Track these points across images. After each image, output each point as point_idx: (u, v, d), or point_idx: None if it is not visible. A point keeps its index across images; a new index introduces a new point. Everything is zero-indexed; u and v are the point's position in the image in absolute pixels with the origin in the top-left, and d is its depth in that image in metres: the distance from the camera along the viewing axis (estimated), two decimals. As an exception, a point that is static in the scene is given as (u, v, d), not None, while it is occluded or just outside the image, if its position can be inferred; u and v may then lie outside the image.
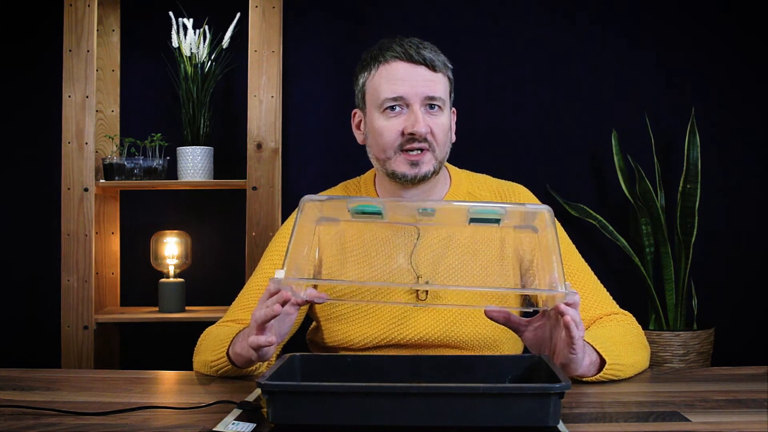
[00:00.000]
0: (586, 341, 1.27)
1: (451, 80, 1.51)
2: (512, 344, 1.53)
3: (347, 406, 0.96)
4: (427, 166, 1.45)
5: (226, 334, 1.39)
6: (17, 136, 2.81)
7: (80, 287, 2.50)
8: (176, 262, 2.62)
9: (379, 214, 1.28)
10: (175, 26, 2.60)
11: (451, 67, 1.51)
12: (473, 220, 1.27)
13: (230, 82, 2.79)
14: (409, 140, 1.44)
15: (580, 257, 1.53)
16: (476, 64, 2.81)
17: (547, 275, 1.19)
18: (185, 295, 2.61)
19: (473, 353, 1.46)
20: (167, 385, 1.39)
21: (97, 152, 2.58)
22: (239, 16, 2.65)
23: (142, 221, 2.81)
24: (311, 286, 1.27)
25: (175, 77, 2.66)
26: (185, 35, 2.60)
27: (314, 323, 1.59)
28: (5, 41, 2.78)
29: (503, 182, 1.60)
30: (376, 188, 1.56)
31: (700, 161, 2.60)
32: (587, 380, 1.30)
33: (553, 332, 1.25)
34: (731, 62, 2.81)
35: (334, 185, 1.64)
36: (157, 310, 2.60)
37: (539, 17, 2.83)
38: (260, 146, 2.57)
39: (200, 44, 2.61)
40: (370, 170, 1.59)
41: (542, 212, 1.24)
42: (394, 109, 1.45)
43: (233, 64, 2.70)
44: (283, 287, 1.17)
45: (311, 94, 2.82)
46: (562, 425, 0.98)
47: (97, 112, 2.59)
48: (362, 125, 1.54)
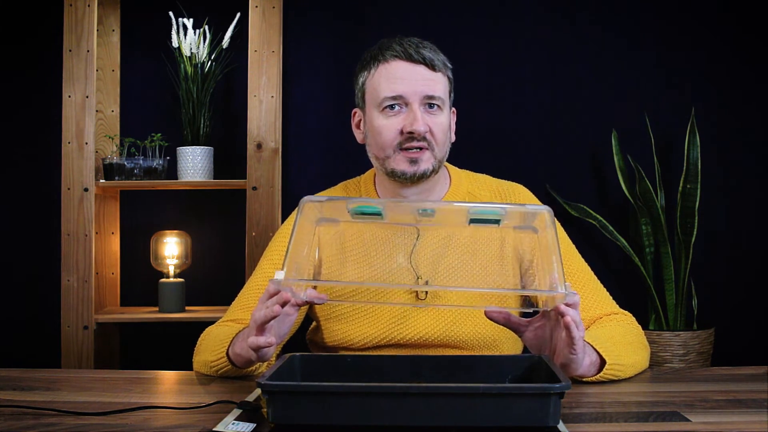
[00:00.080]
0: (586, 341, 1.27)
1: (450, 80, 1.51)
2: (512, 344, 1.53)
3: (347, 406, 0.96)
4: (425, 164, 1.45)
5: (225, 334, 1.39)
6: (17, 136, 2.81)
7: (80, 287, 2.50)
8: (176, 262, 2.62)
9: (378, 215, 1.28)
10: (175, 26, 2.60)
11: (450, 66, 1.51)
12: (473, 220, 1.27)
13: (230, 82, 2.79)
14: (407, 139, 1.44)
15: (580, 257, 1.54)
16: (476, 64, 2.81)
17: (547, 276, 1.19)
18: (185, 295, 2.61)
19: (473, 353, 1.46)
20: (167, 385, 1.39)
21: (97, 152, 2.58)
22: (239, 16, 2.65)
23: (142, 221, 2.81)
24: (311, 286, 1.27)
25: (175, 77, 2.66)
26: (185, 35, 2.60)
27: (314, 323, 1.59)
28: (5, 41, 2.78)
29: (503, 182, 1.60)
30: (376, 188, 1.56)
31: (700, 161, 2.60)
32: (587, 380, 1.30)
33: (553, 332, 1.25)
34: (731, 62, 2.81)
35: (334, 185, 1.64)
36: (157, 310, 2.60)
37: (539, 17, 2.83)
38: (260, 146, 2.57)
39: (200, 44, 2.61)
40: (370, 170, 1.59)
41: (542, 213, 1.24)
42: (393, 108, 1.45)
43: (233, 64, 2.70)
44: (282, 288, 1.17)
45: (311, 94, 2.82)
46: (562, 425, 0.98)
47: (97, 112, 2.59)
48: (362, 124, 1.54)
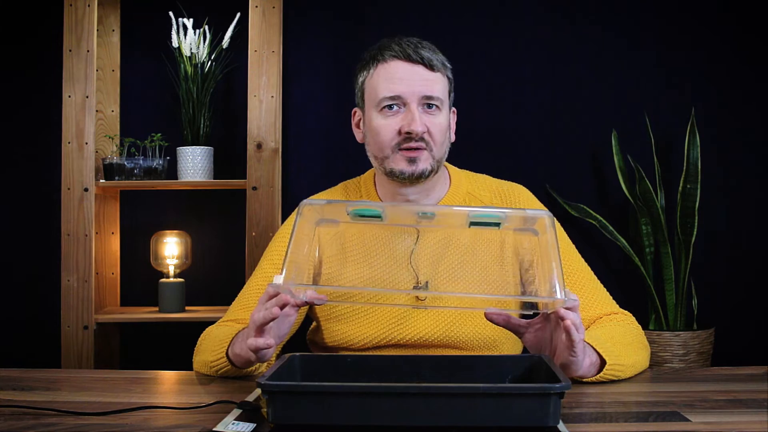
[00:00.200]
0: (586, 342, 1.27)
1: (450, 80, 1.51)
2: (512, 344, 1.53)
3: (347, 406, 0.96)
4: (424, 163, 1.45)
5: (225, 334, 1.39)
6: (17, 136, 2.81)
7: (80, 287, 2.50)
8: (176, 262, 2.62)
9: (378, 217, 1.28)
10: (175, 26, 2.60)
11: (450, 66, 1.51)
12: (473, 224, 1.27)
13: (230, 82, 2.79)
14: (405, 139, 1.44)
15: (580, 257, 1.53)
16: (476, 64, 2.81)
17: (546, 281, 1.19)
18: (185, 295, 2.61)
19: (473, 353, 1.46)
20: (167, 385, 1.39)
21: (97, 152, 2.58)
22: (239, 16, 2.65)
23: (142, 221, 2.81)
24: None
25: (175, 77, 2.66)
26: (185, 35, 2.60)
27: (314, 323, 1.59)
28: (5, 41, 2.78)
29: (503, 182, 1.60)
30: (376, 188, 1.56)
31: (700, 161, 2.60)
32: (587, 380, 1.30)
33: (553, 334, 1.25)
34: (731, 62, 2.81)
35: (334, 185, 1.64)
36: (157, 310, 2.60)
37: (539, 17, 2.82)
38: (260, 146, 2.57)
39: (200, 44, 2.61)
40: (370, 170, 1.59)
41: (542, 217, 1.24)
42: (391, 108, 1.45)
43: (233, 64, 2.70)
44: (282, 291, 1.17)
45: (311, 94, 2.82)
46: (562, 425, 0.98)
47: (97, 112, 2.59)
48: (361, 124, 1.54)
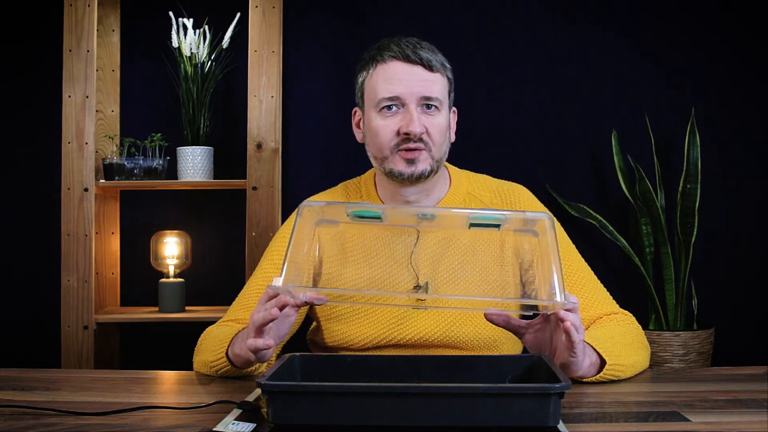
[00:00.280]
0: (586, 342, 1.27)
1: (450, 80, 1.50)
2: (512, 344, 1.53)
3: (347, 406, 0.96)
4: (423, 164, 1.45)
5: (225, 334, 1.39)
6: (17, 136, 2.81)
7: (80, 287, 2.50)
8: (176, 262, 2.62)
9: (378, 218, 1.28)
10: (175, 26, 2.60)
11: (449, 66, 1.50)
12: (473, 225, 1.27)
13: (230, 82, 2.79)
14: (404, 140, 1.44)
15: (580, 257, 1.53)
16: (476, 64, 2.81)
17: (546, 284, 1.18)
18: (185, 295, 2.61)
19: (473, 353, 1.46)
20: (167, 385, 1.39)
21: (97, 152, 2.58)
22: (239, 16, 2.65)
23: (142, 221, 2.81)
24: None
25: (175, 77, 2.66)
26: (185, 35, 2.60)
27: (314, 323, 1.59)
28: (5, 41, 2.78)
29: (503, 182, 1.60)
30: (376, 188, 1.56)
31: (700, 161, 2.60)
32: (587, 381, 1.30)
33: (553, 335, 1.25)
34: (731, 62, 2.81)
35: (334, 185, 1.64)
36: (157, 310, 2.60)
37: (539, 17, 2.82)
38: (260, 146, 2.57)
39: (200, 44, 2.61)
40: (370, 170, 1.59)
41: (542, 220, 1.24)
42: (390, 108, 1.45)
43: (233, 64, 2.70)
44: (281, 292, 1.17)
45: (311, 94, 2.82)
46: (562, 425, 0.98)
47: (97, 112, 2.59)
48: (361, 124, 1.54)
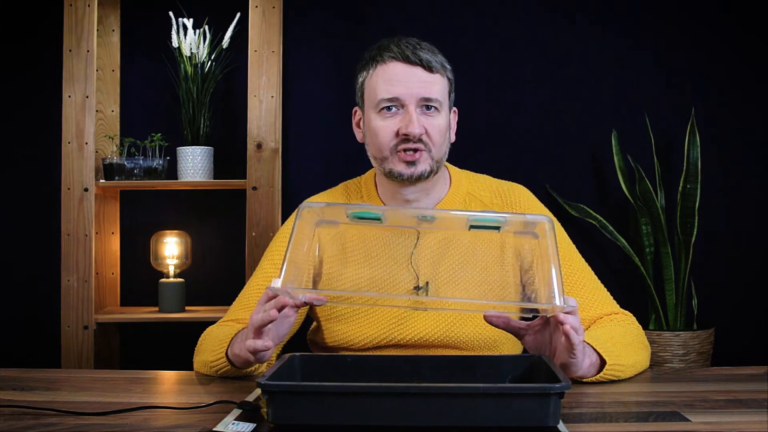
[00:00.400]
0: (586, 342, 1.27)
1: (450, 80, 1.50)
2: (512, 345, 1.53)
3: (347, 406, 0.96)
4: (422, 165, 1.45)
5: (225, 334, 1.39)
6: (17, 136, 2.81)
7: (80, 287, 2.50)
8: (176, 262, 2.62)
9: (378, 219, 1.28)
10: (175, 26, 2.60)
11: (449, 67, 1.50)
12: (473, 227, 1.27)
13: (230, 82, 2.79)
14: (403, 141, 1.44)
15: (580, 258, 1.53)
16: (476, 64, 2.81)
17: (546, 286, 1.18)
18: (185, 295, 2.61)
19: (473, 353, 1.46)
20: (167, 385, 1.39)
21: (97, 152, 2.58)
22: (239, 16, 2.65)
23: (142, 221, 2.81)
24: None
25: (175, 77, 2.66)
26: (185, 35, 2.60)
27: (315, 323, 1.59)
28: (5, 41, 2.78)
29: (503, 182, 1.60)
30: (377, 188, 1.56)
31: (700, 161, 2.60)
32: (587, 381, 1.30)
33: (552, 336, 1.25)
34: (731, 62, 2.81)
35: (334, 185, 1.63)
36: (157, 310, 2.60)
37: (539, 17, 2.82)
38: (260, 146, 2.57)
39: (200, 44, 2.61)
40: (370, 170, 1.59)
41: (542, 222, 1.24)
42: (390, 109, 1.45)
43: (233, 64, 2.70)
44: (280, 293, 1.17)
45: (311, 94, 2.82)
46: (562, 425, 0.98)
47: (97, 112, 2.59)
48: (361, 124, 1.54)
